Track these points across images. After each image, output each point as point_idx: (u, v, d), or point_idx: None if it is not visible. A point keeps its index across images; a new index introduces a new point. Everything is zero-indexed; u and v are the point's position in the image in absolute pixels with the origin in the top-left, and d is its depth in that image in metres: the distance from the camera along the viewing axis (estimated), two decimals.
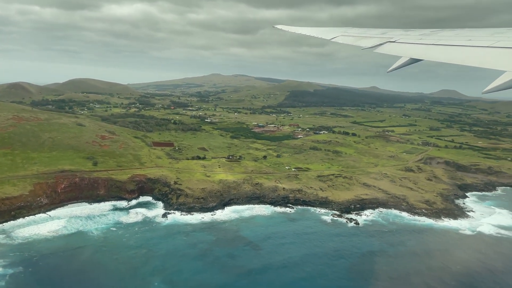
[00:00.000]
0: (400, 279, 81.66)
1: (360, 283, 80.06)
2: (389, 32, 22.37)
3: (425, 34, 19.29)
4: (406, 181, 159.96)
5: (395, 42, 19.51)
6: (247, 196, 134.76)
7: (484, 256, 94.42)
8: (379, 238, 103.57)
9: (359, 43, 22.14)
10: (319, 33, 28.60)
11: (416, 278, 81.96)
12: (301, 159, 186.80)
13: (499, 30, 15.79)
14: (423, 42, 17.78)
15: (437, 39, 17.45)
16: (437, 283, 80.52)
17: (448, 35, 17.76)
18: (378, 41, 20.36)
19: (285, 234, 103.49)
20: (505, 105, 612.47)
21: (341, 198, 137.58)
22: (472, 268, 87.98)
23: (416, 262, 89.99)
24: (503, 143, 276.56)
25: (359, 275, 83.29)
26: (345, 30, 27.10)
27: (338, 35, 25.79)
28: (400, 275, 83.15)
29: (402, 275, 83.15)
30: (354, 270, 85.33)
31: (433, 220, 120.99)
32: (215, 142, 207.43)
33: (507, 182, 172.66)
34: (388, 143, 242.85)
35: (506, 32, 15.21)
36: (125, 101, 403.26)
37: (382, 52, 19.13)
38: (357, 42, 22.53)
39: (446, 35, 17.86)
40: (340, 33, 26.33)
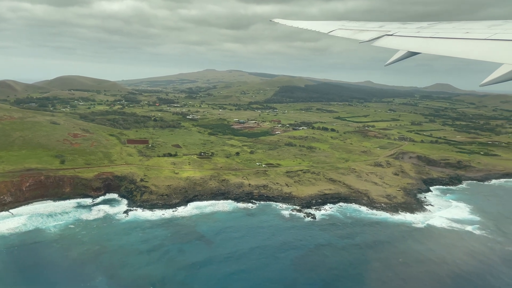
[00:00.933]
0: (340, 269, 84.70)
1: (302, 274, 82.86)
2: (387, 25, 22.44)
3: (423, 27, 19.28)
4: (373, 176, 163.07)
5: (392, 35, 19.57)
6: (212, 193, 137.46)
7: (426, 247, 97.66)
8: (331, 232, 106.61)
9: (356, 37, 22.14)
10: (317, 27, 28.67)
11: (355, 269, 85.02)
12: (274, 155, 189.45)
13: (496, 23, 15.74)
14: (421, 35, 17.80)
15: (435, 32, 17.43)
16: (374, 272, 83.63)
17: (445, 28, 17.77)
18: (375, 35, 20.41)
19: (239, 229, 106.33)
20: (493, 98, 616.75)
21: (304, 194, 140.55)
22: (411, 259, 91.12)
23: (360, 254, 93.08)
24: (481, 137, 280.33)
25: (303, 266, 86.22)
26: (343, 24, 27.09)
27: (335, 29, 25.80)
28: (341, 266, 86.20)
29: (343, 266, 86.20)
30: (298, 261, 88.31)
31: (390, 214, 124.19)
32: (191, 139, 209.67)
33: (474, 176, 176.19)
34: (365, 138, 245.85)
35: (503, 24, 15.21)
36: (110, 98, 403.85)
37: (380, 46, 19.16)
38: (355, 35, 22.57)
39: (443, 28, 17.87)
40: (338, 26, 26.35)
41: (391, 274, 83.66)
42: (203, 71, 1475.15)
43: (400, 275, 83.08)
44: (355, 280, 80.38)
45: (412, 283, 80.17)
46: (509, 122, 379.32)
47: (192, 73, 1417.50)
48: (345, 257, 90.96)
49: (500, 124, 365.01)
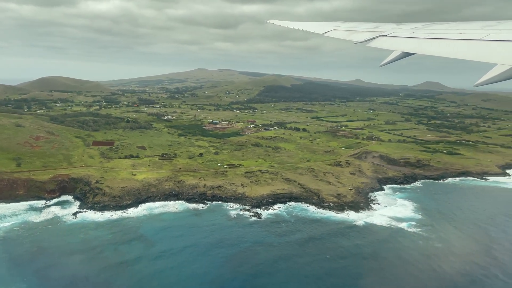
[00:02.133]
0: (266, 265, 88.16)
1: (228, 269, 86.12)
2: (381, 26, 22.50)
3: (417, 28, 19.33)
4: (329, 175, 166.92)
5: (387, 36, 19.59)
6: (165, 194, 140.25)
7: (356, 243, 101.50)
8: (270, 230, 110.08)
9: (351, 38, 22.23)
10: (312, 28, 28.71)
11: (281, 265, 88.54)
12: (239, 155, 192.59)
13: (489, 23, 15.85)
14: (415, 36, 17.85)
15: (429, 32, 17.48)
16: (299, 268, 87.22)
17: (439, 29, 17.81)
18: (370, 35, 20.48)
19: (181, 228, 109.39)
20: (474, 97, 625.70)
21: (257, 194, 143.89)
22: (340, 254, 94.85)
23: (290, 250, 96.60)
24: (451, 136, 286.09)
25: (231, 262, 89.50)
26: (338, 25, 27.11)
27: (330, 30, 25.83)
28: (268, 262, 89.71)
29: (270, 262, 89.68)
30: (229, 258, 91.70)
31: (334, 213, 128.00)
32: (159, 141, 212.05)
33: (430, 175, 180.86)
34: (334, 138, 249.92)
35: (497, 25, 15.28)
36: (90, 99, 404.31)
37: (375, 46, 19.18)
38: (350, 36, 22.69)
39: (437, 29, 17.92)
40: (333, 27, 26.39)
41: (315, 269, 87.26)
42: (194, 70, 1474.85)
43: (323, 270, 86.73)
44: (277, 275, 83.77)
45: (332, 278, 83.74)
46: (483, 121, 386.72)
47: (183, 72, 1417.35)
48: (275, 254, 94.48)
49: (475, 122, 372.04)
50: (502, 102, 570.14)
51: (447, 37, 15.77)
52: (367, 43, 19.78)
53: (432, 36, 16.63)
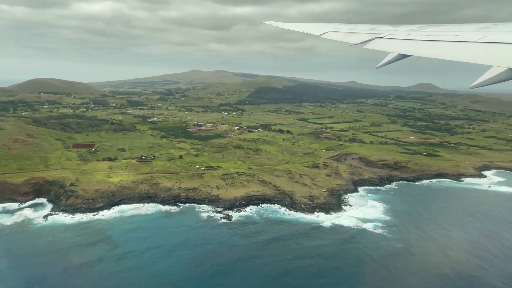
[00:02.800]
0: (226, 266, 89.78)
1: (188, 270, 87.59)
2: (378, 28, 22.57)
3: (413, 30, 19.38)
4: (305, 177, 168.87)
5: (383, 38, 19.60)
6: (140, 196, 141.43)
7: (319, 244, 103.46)
8: (237, 231, 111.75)
9: (348, 39, 22.28)
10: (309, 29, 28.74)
11: (241, 265, 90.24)
12: (218, 157, 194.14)
13: (485, 25, 15.89)
14: (412, 37, 17.93)
15: (425, 34, 17.55)
16: (259, 268, 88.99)
17: (435, 31, 17.84)
18: (366, 37, 20.49)
19: (150, 230, 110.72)
20: (463, 99, 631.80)
21: (231, 196, 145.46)
22: (301, 255, 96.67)
23: (253, 251, 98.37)
24: (434, 138, 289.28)
25: (192, 263, 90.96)
26: (334, 26, 27.11)
27: (327, 31, 25.85)
28: (228, 263, 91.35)
29: (231, 263, 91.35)
30: (190, 259, 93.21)
31: (305, 214, 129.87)
32: (140, 143, 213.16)
33: (406, 176, 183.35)
34: (316, 140, 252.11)
35: (492, 27, 15.34)
36: (78, 101, 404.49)
37: (371, 48, 19.18)
38: (346, 38, 22.74)
39: (433, 31, 17.93)
40: (329, 29, 26.41)
41: (273, 269, 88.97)
42: (188, 71, 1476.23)
43: (281, 270, 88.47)
44: (234, 276, 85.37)
45: (287, 278, 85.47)
46: (469, 122, 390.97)
47: (177, 73, 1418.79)
48: (237, 255, 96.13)
49: (460, 124, 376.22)
50: (491, 103, 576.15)
51: (443, 39, 15.89)
52: (363, 45, 19.85)
53: (428, 38, 16.74)
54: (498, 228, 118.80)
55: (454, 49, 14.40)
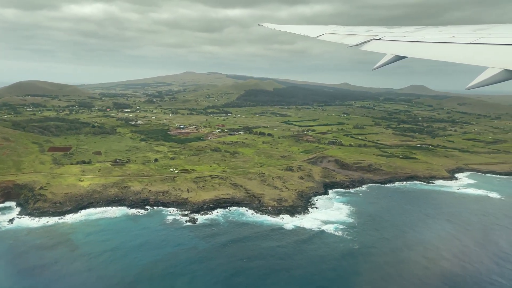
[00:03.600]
0: (180, 267, 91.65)
1: (140, 271, 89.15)
2: (374, 30, 22.70)
3: (409, 32, 19.55)
4: (277, 180, 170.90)
5: (380, 39, 19.70)
6: (108, 200, 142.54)
7: (277, 246, 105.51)
8: (199, 234, 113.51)
9: (344, 41, 22.40)
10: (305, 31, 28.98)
11: (195, 267, 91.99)
12: (195, 160, 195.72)
13: (481, 27, 15.97)
14: (408, 39, 18.05)
15: (421, 36, 17.65)
16: (213, 269, 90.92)
17: (431, 32, 17.92)
18: (363, 39, 20.59)
19: (111, 233, 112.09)
20: (451, 101, 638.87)
21: (200, 199, 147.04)
22: (257, 256, 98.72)
23: (212, 253, 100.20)
24: (414, 140, 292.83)
25: (146, 265, 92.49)
26: (331, 28, 27.24)
27: (323, 33, 25.98)
28: (182, 264, 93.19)
29: (185, 264, 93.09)
30: (144, 260, 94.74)
31: (270, 217, 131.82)
32: (118, 146, 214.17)
33: (378, 179, 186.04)
34: (296, 142, 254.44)
35: (488, 28, 15.41)
36: (64, 103, 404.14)
37: (368, 50, 19.23)
38: (343, 40, 22.80)
39: (429, 32, 18.04)
40: (326, 31, 26.49)
41: (227, 270, 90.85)
42: (182, 73, 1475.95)
43: (233, 271, 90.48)
44: (186, 277, 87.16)
45: (238, 278, 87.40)
46: (452, 125, 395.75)
47: (171, 75, 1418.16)
48: (193, 256, 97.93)
49: (443, 126, 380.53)
50: (477, 106, 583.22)
51: (439, 40, 15.99)
52: (360, 46, 20.00)
53: (424, 40, 16.85)
54: (455, 230, 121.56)
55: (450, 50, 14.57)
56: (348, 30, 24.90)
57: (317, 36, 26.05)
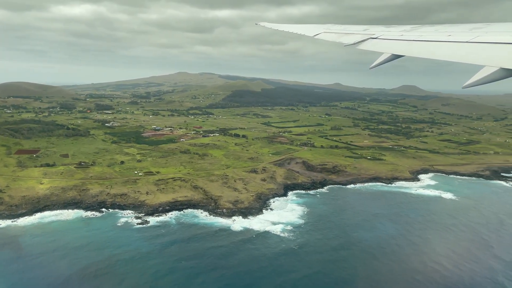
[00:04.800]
0: (116, 266, 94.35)
1: (74, 271, 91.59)
2: (371, 29, 22.72)
3: (406, 30, 19.63)
4: (239, 182, 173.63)
5: (376, 38, 19.73)
6: (65, 202, 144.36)
7: (218, 246, 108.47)
8: (146, 235, 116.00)
9: (341, 40, 22.44)
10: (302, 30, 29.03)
11: (135, 265, 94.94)
12: (161, 163, 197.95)
13: (477, 26, 16.03)
14: (405, 38, 18.11)
15: (418, 35, 17.68)
16: (148, 269, 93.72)
17: (428, 31, 18.01)
18: (360, 38, 20.63)
19: (58, 235, 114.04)
20: (435, 102, 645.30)
21: (157, 201, 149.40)
22: (196, 256, 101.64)
23: (152, 254, 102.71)
24: (388, 142, 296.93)
25: (80, 265, 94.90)
26: (328, 27, 27.35)
27: (320, 32, 26.00)
28: (118, 264, 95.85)
29: (121, 264, 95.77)
30: (80, 261, 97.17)
31: (222, 218, 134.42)
32: (87, 148, 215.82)
33: (340, 180, 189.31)
34: (269, 144, 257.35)
35: (484, 27, 15.47)
36: (45, 105, 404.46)
37: (365, 49, 19.36)
38: (340, 39, 22.90)
39: (426, 31, 18.12)
40: (323, 30, 26.57)
41: (160, 270, 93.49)
42: (175, 73, 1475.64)
43: (167, 270, 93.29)
44: (118, 276, 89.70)
45: (172, 276, 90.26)
46: (430, 126, 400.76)
47: (163, 76, 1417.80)
48: (131, 258, 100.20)
49: (421, 127, 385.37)
50: (461, 106, 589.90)
51: (436, 39, 16.07)
52: (357, 45, 20.08)
53: (421, 39, 16.91)
54: (395, 230, 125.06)
55: (446, 49, 14.61)
56: (345, 29, 25.04)
57: (314, 35, 26.15)
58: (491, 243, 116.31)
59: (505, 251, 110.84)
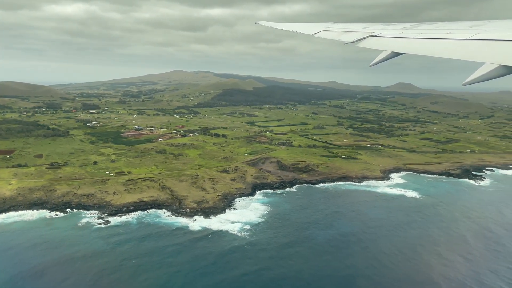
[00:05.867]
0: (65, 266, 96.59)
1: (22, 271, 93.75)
2: (371, 27, 22.78)
3: (406, 28, 19.68)
4: (208, 182, 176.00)
5: (376, 36, 19.80)
6: (31, 203, 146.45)
7: (171, 244, 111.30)
8: (103, 235, 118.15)
9: (341, 38, 22.50)
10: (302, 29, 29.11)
11: (82, 264, 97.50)
12: (135, 163, 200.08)
13: (477, 23, 16.07)
14: (404, 35, 18.14)
15: (418, 32, 17.71)
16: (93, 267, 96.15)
17: (428, 29, 18.00)
18: (360, 36, 20.73)
19: (15, 235, 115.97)
20: (424, 100, 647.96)
21: (123, 201, 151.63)
22: (146, 253, 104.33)
23: (103, 253, 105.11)
24: (367, 141, 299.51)
25: (30, 264, 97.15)
26: (327, 25, 27.43)
27: (320, 30, 26.04)
28: (70, 263, 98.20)
29: (72, 264, 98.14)
30: (29, 261, 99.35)
31: (184, 219, 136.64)
32: (64, 149, 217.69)
33: (311, 179, 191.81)
34: (247, 143, 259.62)
35: (484, 24, 15.47)
36: (31, 105, 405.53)
37: (364, 47, 19.42)
38: (340, 37, 22.97)
39: (426, 29, 18.13)
40: (323, 28, 26.63)
41: (107, 268, 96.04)
42: (170, 72, 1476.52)
43: (113, 269, 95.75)
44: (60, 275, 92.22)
45: (114, 274, 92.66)
46: (414, 124, 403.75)
47: (159, 74, 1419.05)
48: (81, 257, 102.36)
49: (405, 126, 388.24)
50: (449, 105, 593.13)
51: (435, 37, 16.06)
52: (357, 43, 20.10)
53: (421, 36, 16.92)
54: (349, 228, 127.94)
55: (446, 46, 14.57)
56: (344, 27, 25.08)
57: (314, 33, 26.10)
58: (438, 242, 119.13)
59: (449, 249, 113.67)
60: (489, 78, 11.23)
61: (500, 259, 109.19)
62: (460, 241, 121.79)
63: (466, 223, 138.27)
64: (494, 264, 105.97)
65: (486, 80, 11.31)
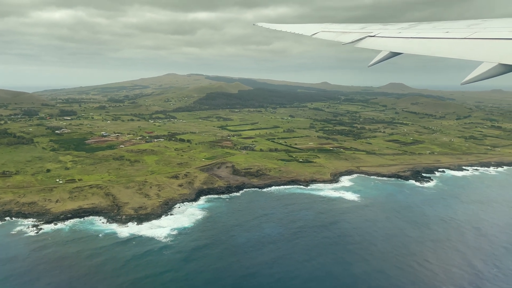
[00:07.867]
0: None
1: None
2: (369, 27, 22.87)
3: (404, 28, 19.76)
4: (155, 188, 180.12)
5: (374, 36, 19.87)
6: None
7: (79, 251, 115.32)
8: (28, 242, 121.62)
9: (339, 39, 22.63)
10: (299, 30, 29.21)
11: None
12: (89, 170, 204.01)
13: (474, 22, 16.05)
14: (402, 35, 18.16)
15: (416, 32, 17.78)
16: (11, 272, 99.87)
17: (426, 28, 18.01)
18: (358, 36, 20.79)
19: None
20: (405, 101, 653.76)
21: (63, 209, 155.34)
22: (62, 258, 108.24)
23: (21, 259, 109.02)
24: (332, 143, 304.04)
25: None
26: (325, 26, 27.43)
27: (318, 31, 26.08)
28: None
29: None
30: None
31: (117, 225, 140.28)
32: (21, 157, 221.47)
33: (259, 183, 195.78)
34: (210, 148, 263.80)
35: (481, 23, 15.46)
36: (7, 112, 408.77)
37: (363, 47, 19.46)
38: (338, 37, 23.01)
39: (424, 28, 18.15)
40: (321, 29, 26.68)
41: (22, 274, 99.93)
42: (163, 75, 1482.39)
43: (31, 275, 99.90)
44: None
45: (21, 278, 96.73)
46: (386, 126, 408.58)
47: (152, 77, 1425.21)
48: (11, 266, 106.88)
49: (376, 128, 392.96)
50: (428, 105, 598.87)
51: (433, 36, 16.08)
52: (355, 43, 20.18)
53: (419, 36, 16.92)
54: (274, 230, 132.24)
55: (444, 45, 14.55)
56: (342, 27, 25.08)
57: (312, 34, 26.01)
58: (364, 243, 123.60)
59: (348, 251, 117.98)
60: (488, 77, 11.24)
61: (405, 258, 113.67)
62: (369, 243, 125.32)
63: (383, 223, 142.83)
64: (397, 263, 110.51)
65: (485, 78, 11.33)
